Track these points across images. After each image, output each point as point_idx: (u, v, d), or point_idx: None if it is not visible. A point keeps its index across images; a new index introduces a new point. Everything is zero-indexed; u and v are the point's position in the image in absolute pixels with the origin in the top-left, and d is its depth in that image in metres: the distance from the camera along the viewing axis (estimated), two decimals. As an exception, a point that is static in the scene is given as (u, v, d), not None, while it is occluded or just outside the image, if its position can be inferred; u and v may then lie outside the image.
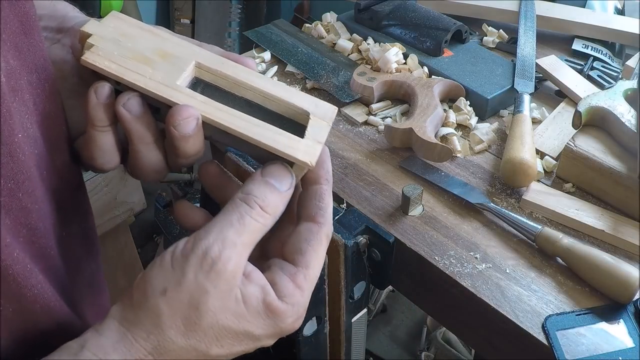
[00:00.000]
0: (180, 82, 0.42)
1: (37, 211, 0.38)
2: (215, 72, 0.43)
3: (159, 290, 0.35)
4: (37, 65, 0.39)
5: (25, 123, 0.37)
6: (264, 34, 1.02)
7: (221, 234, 0.36)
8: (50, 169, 0.41)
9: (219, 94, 0.43)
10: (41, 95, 0.39)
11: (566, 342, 0.56)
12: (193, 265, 0.35)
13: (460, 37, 0.95)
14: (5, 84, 0.34)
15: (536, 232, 0.64)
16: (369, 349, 1.59)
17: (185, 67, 0.42)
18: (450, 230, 0.67)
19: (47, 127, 0.40)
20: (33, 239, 0.37)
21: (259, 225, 0.37)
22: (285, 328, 0.38)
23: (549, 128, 0.81)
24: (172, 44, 0.44)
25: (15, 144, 0.34)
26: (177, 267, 0.35)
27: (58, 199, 0.42)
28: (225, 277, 0.35)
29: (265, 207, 0.38)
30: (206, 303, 0.35)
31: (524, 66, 0.89)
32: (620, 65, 0.94)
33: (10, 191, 0.34)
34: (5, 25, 0.35)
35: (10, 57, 0.36)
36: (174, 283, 0.35)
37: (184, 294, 0.35)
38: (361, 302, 0.73)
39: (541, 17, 1.01)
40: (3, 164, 0.33)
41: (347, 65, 0.93)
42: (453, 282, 0.62)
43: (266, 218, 0.38)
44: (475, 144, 0.80)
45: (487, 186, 0.74)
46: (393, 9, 0.98)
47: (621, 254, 0.64)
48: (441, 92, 0.84)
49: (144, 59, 0.42)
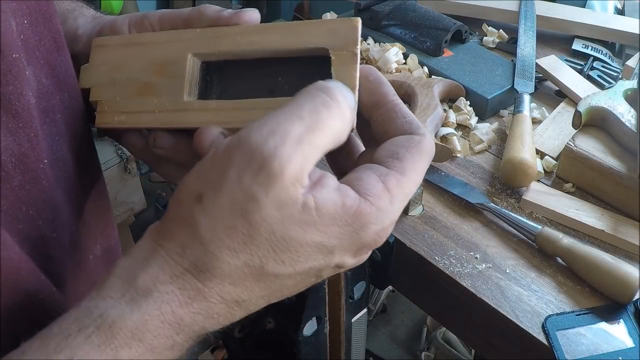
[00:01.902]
0: (187, 93, 0.40)
1: (55, 240, 0.36)
2: (214, 53, 0.40)
3: (194, 196, 0.28)
4: (67, 84, 0.38)
5: (55, 145, 0.36)
6: (264, 34, 1.02)
7: (281, 127, 0.28)
8: (79, 191, 0.40)
9: (236, 70, 0.40)
10: (72, 115, 0.39)
11: (566, 342, 0.56)
12: (237, 165, 0.27)
13: (460, 37, 0.95)
14: (36, 105, 0.33)
15: (536, 232, 0.64)
16: (369, 349, 1.59)
17: (183, 71, 0.40)
18: (450, 230, 0.67)
19: (77, 147, 0.40)
20: (48, 268, 0.35)
21: (337, 127, 0.29)
22: (367, 238, 0.30)
23: (549, 128, 0.81)
24: (159, 48, 0.41)
25: (40, 170, 0.33)
26: (217, 167, 0.28)
27: (84, 221, 0.41)
28: (283, 182, 0.27)
29: (347, 107, 0.30)
30: (256, 212, 0.27)
31: (524, 66, 0.89)
32: (620, 65, 0.94)
33: (31, 219, 0.33)
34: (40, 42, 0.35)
35: (43, 76, 0.35)
36: (212, 187, 0.28)
37: (225, 200, 0.27)
38: (361, 302, 0.73)
39: (541, 17, 1.01)
40: (27, 191, 0.33)
41: (347, 65, 0.93)
42: (453, 282, 0.62)
43: (345, 122, 0.30)
44: (475, 144, 0.80)
45: (487, 186, 0.74)
46: (393, 9, 0.98)
47: (621, 254, 0.64)
48: (441, 92, 0.84)
49: (144, 88, 0.40)
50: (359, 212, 0.29)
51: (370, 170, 0.31)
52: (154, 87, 0.40)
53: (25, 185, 0.32)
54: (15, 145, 0.31)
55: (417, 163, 0.31)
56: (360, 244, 0.30)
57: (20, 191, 0.32)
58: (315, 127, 0.28)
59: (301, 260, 0.29)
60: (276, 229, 0.28)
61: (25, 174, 0.32)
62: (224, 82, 0.41)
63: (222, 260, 0.28)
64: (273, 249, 0.28)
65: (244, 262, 0.28)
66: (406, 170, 0.31)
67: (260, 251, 0.28)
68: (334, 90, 0.30)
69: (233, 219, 0.28)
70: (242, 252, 0.28)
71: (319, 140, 0.28)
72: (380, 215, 0.30)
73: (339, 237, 0.29)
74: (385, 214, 0.30)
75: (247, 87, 0.40)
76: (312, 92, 0.30)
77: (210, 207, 0.28)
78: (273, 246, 0.28)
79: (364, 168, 0.31)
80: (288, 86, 0.39)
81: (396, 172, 0.31)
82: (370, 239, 0.30)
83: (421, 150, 0.32)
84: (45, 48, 0.35)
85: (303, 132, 0.28)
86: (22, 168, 0.32)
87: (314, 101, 0.29)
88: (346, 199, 0.29)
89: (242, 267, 0.28)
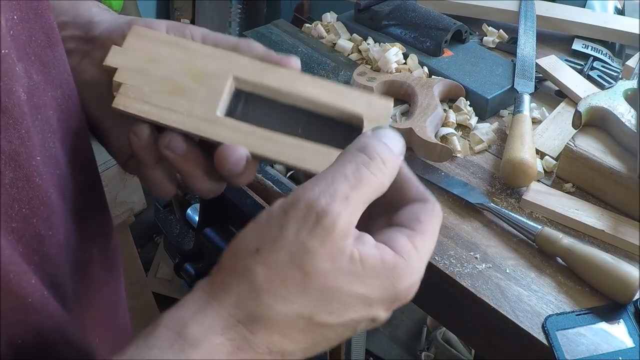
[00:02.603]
0: (220, 109, 0.39)
1: (51, 238, 0.36)
2: (256, 84, 0.41)
3: (251, 249, 0.30)
4: (61, 80, 0.38)
5: (48, 142, 0.35)
6: (264, 34, 1.02)
7: (331, 187, 0.31)
8: (73, 190, 0.39)
9: (263, 105, 0.41)
10: (65, 112, 0.38)
11: (566, 342, 0.56)
12: (294, 220, 0.30)
13: (460, 37, 0.95)
14: (27, 101, 0.33)
15: (536, 232, 0.64)
16: (369, 349, 1.59)
17: (223, 87, 0.40)
18: (450, 230, 0.67)
19: (71, 145, 0.39)
20: (44, 266, 0.35)
21: (377, 182, 0.33)
22: (401, 291, 0.33)
23: (549, 128, 0.81)
24: (203, 58, 0.41)
25: (32, 167, 0.33)
26: (273, 223, 0.30)
27: (80, 221, 0.41)
28: (335, 236, 0.30)
29: (386, 162, 0.33)
30: (312, 263, 0.30)
31: (524, 66, 0.89)
32: (620, 65, 0.94)
33: (25, 217, 0.33)
34: (30, 38, 0.34)
35: (34, 72, 0.34)
36: (270, 241, 0.30)
37: (282, 252, 0.30)
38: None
39: (541, 17, 1.01)
40: (19, 189, 0.32)
41: (347, 65, 0.93)
42: (453, 282, 0.62)
43: (385, 175, 0.33)
44: (475, 144, 0.80)
45: (487, 186, 0.74)
46: (393, 9, 0.98)
47: (621, 254, 0.64)
48: (441, 92, 0.84)
49: (177, 89, 0.40)
50: (395, 266, 0.32)
51: (399, 232, 0.34)
52: (187, 91, 0.40)
53: (17, 182, 0.32)
54: (6, 142, 0.31)
55: (434, 224, 0.35)
56: (395, 297, 0.33)
57: (12, 189, 0.32)
58: (359, 185, 0.32)
59: (346, 311, 0.31)
60: (328, 279, 0.30)
61: (16, 171, 0.32)
62: (247, 110, 0.41)
63: (275, 311, 0.30)
64: (323, 299, 0.30)
65: (296, 313, 0.30)
66: (427, 231, 0.34)
67: (311, 301, 0.30)
68: (372, 150, 0.33)
69: (289, 270, 0.30)
70: (295, 302, 0.30)
71: (363, 197, 0.32)
72: (412, 270, 0.33)
73: (379, 290, 0.32)
74: (416, 269, 0.33)
75: (267, 125, 0.40)
76: (353, 152, 0.33)
77: (268, 259, 0.30)
78: (324, 296, 0.30)
79: (393, 230, 0.34)
80: (306, 138, 0.40)
81: (420, 233, 0.34)
82: (404, 293, 0.33)
83: (435, 214, 0.36)
84: (36, 44, 0.35)
85: (349, 190, 0.31)
86: (13, 165, 0.32)
87: (355, 161, 0.32)
88: (384, 254, 0.32)
89: (293, 317, 0.30)
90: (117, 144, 0.45)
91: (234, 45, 0.43)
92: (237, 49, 0.43)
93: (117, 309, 0.51)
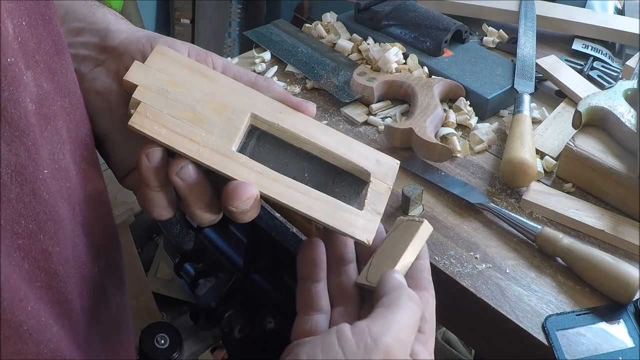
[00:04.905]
0: (235, 145, 0.40)
1: (58, 254, 0.35)
2: (272, 125, 0.42)
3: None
4: (69, 88, 0.37)
5: (57, 154, 0.35)
6: (264, 34, 1.02)
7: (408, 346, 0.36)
8: (82, 202, 0.39)
9: (275, 145, 0.42)
10: (74, 122, 0.37)
11: (566, 342, 0.56)
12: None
13: (460, 37, 0.95)
14: (35, 112, 0.32)
15: (536, 232, 0.64)
16: (369, 349, 1.58)
17: (241, 122, 0.40)
18: (450, 230, 0.67)
19: (79, 155, 0.38)
20: (52, 283, 0.34)
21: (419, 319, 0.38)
22: None
23: (549, 128, 0.81)
24: (225, 90, 0.41)
25: (39, 181, 0.32)
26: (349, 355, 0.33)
27: (87, 234, 0.40)
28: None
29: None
30: None
31: (524, 66, 0.89)
32: (620, 65, 0.94)
33: (31, 233, 0.32)
34: (39, 45, 0.33)
35: (44, 81, 0.33)
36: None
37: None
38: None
39: (541, 17, 1.01)
40: (25, 204, 0.31)
41: (347, 65, 0.93)
42: (453, 282, 0.62)
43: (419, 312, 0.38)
44: (475, 144, 0.80)
45: (487, 186, 0.74)
46: (393, 9, 0.98)
47: (621, 254, 0.64)
48: (441, 92, 0.84)
49: (196, 117, 0.40)
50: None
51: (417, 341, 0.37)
52: (206, 122, 0.40)
53: (24, 197, 0.31)
54: (12, 156, 0.30)
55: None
56: None
57: (18, 204, 0.31)
58: (414, 330, 0.36)
59: None
60: None
61: (23, 185, 0.31)
62: (258, 147, 0.42)
63: None
64: None
65: None
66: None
67: None
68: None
69: None
70: None
71: (414, 336, 0.36)
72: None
73: None
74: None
75: (275, 165, 0.41)
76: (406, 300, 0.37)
77: None
78: None
79: None
80: (311, 183, 0.41)
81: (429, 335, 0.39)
82: None
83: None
84: (45, 51, 0.34)
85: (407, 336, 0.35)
86: (19, 179, 0.31)
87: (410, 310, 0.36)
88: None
89: None
90: (119, 157, 0.44)
91: (253, 82, 0.43)
92: (256, 85, 0.43)
93: (121, 322, 0.49)
